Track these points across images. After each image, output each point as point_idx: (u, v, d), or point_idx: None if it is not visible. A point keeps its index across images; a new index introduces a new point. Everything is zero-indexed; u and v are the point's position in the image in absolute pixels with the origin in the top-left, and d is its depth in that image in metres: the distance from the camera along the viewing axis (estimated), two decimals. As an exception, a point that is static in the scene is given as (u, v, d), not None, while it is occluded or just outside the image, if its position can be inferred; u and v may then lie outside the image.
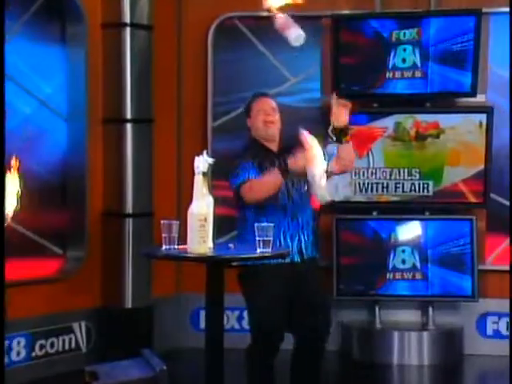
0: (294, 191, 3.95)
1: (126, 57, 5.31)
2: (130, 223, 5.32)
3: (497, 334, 5.70)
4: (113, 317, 5.33)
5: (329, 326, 4.05)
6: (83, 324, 5.30)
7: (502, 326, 5.69)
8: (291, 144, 3.93)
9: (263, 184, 3.81)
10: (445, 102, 5.70)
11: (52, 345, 5.14)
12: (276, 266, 3.84)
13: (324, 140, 4.08)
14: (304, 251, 3.96)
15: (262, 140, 4.03)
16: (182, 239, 3.48)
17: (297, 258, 3.95)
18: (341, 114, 3.86)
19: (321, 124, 5.59)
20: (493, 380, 5.53)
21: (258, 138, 4.03)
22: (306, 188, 3.92)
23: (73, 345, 5.25)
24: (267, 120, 3.99)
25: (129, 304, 5.32)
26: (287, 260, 3.89)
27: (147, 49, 5.43)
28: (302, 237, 3.96)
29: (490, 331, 5.71)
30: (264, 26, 5.75)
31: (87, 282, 5.28)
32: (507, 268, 5.64)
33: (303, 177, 3.72)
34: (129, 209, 5.33)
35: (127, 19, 5.30)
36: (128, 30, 5.30)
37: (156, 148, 5.51)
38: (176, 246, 3.48)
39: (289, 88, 5.78)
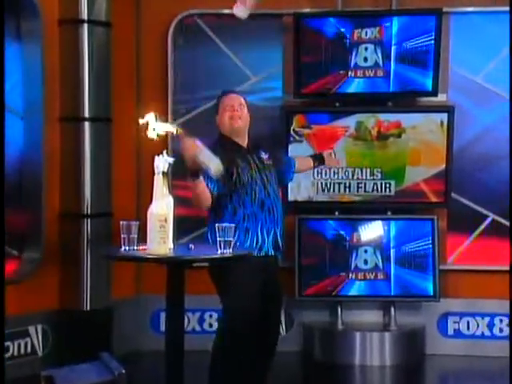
0: (269, 186, 4.04)
1: (84, 54, 5.26)
2: (88, 224, 5.27)
3: (458, 334, 5.76)
4: (71, 319, 5.27)
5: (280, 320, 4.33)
6: (40, 327, 5.23)
7: (463, 326, 5.75)
8: (261, 141, 4.14)
9: (195, 194, 3.85)
10: (406, 101, 5.75)
11: (7, 349, 5.07)
12: (252, 259, 3.87)
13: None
14: (279, 245, 4.07)
15: (229, 135, 4.08)
16: (142, 240, 3.48)
17: (271, 252, 4.04)
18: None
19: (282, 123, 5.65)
20: (454, 379, 5.59)
21: (226, 134, 4.08)
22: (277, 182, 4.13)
23: (29, 349, 5.19)
24: (233, 115, 4.04)
25: (87, 306, 5.27)
26: (261, 253, 3.97)
27: (105, 46, 5.38)
28: (277, 231, 4.05)
29: (451, 331, 5.77)
30: (225, 23, 5.76)
31: (44, 283, 5.22)
32: (468, 268, 5.72)
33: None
34: (87, 209, 5.28)
35: (85, 15, 5.25)
36: (85, 26, 5.24)
37: (115, 147, 5.47)
38: (135, 247, 3.48)
39: (250, 87, 5.78)
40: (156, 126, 3.53)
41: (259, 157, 4.09)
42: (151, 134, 3.54)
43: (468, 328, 5.75)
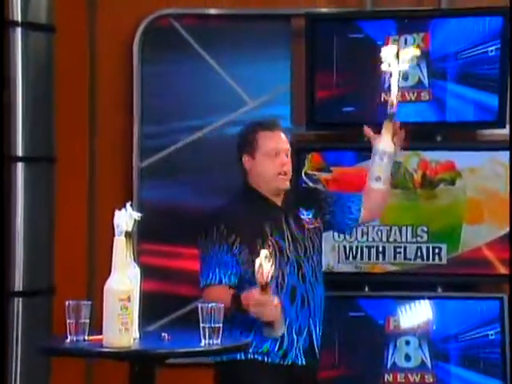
0: (306, 263, 3.98)
1: (17, 69, 5.30)
2: (19, 304, 5.27)
3: None
4: None
5: None
6: None
7: None
8: (297, 194, 4.11)
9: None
10: (462, 134, 5.79)
11: None
12: (271, 368, 3.88)
13: None
14: (315, 350, 4.02)
15: (263, 191, 4.01)
16: (96, 327, 3.47)
17: (301, 360, 3.98)
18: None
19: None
20: None
21: (258, 189, 4.01)
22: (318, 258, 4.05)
23: None
24: (282, 170, 3.96)
25: (17, 421, 5.24)
26: (286, 361, 3.93)
27: (47, 58, 5.45)
28: (313, 329, 4.00)
29: None
30: (212, 28, 5.81)
31: (-43, 389, 5.18)
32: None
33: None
34: (18, 285, 5.29)
35: (18, 16, 5.30)
36: (19, 31, 5.29)
37: (59, 198, 5.50)
38: (86, 337, 3.48)
39: (246, 114, 5.79)
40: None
41: (297, 218, 4.00)
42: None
43: None
